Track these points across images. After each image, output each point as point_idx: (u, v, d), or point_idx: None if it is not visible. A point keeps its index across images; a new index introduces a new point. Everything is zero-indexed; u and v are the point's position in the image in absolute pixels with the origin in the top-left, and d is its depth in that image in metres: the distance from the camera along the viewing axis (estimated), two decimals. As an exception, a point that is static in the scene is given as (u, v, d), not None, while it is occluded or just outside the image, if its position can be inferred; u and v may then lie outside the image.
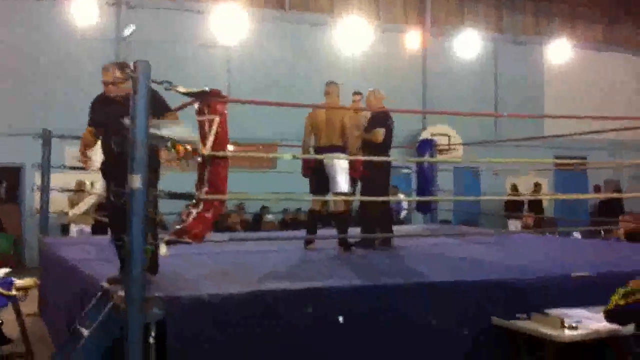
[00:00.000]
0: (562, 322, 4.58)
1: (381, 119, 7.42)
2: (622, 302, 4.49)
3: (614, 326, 4.56)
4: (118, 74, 4.76)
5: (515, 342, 4.80)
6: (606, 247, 8.55)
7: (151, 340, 4.00)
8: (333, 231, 7.74)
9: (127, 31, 14.70)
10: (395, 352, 4.70)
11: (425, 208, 10.81)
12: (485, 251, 7.59)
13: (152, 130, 3.97)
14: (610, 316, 4.54)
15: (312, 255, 6.83)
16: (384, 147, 7.40)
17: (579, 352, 4.70)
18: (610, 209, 14.86)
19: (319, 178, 7.19)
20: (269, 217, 14.83)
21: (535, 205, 16.41)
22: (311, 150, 7.32)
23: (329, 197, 7.35)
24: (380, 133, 7.30)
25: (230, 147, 4.79)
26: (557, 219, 16.42)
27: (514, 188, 16.80)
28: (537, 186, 17.04)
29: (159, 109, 4.54)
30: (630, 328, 4.47)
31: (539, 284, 5.22)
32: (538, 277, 5.35)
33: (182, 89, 4.27)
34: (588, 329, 4.57)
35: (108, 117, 4.84)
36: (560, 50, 19.93)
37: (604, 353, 4.79)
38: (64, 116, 13.53)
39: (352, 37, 17.19)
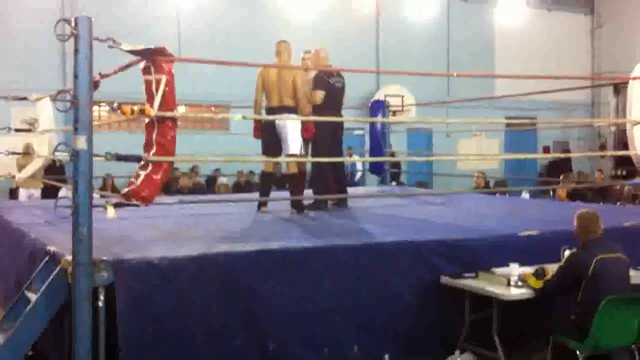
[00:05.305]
0: (508, 281, 4.68)
1: (320, 79, 7.25)
2: (549, 277, 4.60)
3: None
4: None
5: (462, 301, 4.89)
6: (553, 206, 8.73)
7: (100, 303, 3.95)
8: (287, 193, 7.73)
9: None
10: (347, 311, 4.74)
11: (378, 169, 10.89)
12: (436, 211, 7.68)
13: None
14: (544, 294, 4.63)
15: (265, 217, 6.82)
16: (327, 108, 7.18)
17: (525, 309, 4.82)
18: (559, 169, 15.16)
19: (271, 139, 7.11)
20: (223, 179, 14.72)
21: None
22: (262, 111, 7.23)
23: (281, 159, 7.28)
24: (318, 95, 7.17)
25: (181, 109, 4.69)
26: (507, 178, 16.65)
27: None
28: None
29: None
30: None
31: (487, 242, 5.30)
32: (486, 236, 5.43)
33: (125, 47, 4.12)
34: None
35: None
36: (510, 10, 20.03)
37: (549, 311, 4.92)
38: (8, 74, 13.13)
39: (306, -5, 17.01)
